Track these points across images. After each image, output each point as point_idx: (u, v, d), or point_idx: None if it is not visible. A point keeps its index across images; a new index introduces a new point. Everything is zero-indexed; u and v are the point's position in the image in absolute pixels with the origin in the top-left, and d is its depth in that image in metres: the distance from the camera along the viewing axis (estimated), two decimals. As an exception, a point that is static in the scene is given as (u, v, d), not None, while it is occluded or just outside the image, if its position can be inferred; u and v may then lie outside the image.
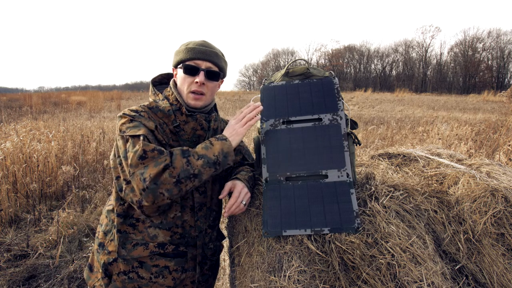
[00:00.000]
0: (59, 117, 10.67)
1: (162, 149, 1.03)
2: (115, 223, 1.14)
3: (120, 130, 1.09)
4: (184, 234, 1.20)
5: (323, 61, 52.95)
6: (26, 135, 5.14)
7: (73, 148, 5.26)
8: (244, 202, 1.16)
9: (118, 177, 1.12)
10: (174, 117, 1.18)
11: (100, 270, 1.17)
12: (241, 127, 1.17)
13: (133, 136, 1.05)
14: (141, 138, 1.03)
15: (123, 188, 1.07)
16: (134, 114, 1.12)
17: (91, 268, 1.25)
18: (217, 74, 1.20)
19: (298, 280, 0.94)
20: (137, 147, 1.02)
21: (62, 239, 2.96)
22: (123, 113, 1.13)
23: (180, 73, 1.20)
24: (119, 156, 1.10)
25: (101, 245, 1.19)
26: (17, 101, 17.03)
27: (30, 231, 3.21)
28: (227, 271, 1.50)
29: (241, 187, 1.18)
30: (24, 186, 3.90)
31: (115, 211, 1.15)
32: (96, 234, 1.25)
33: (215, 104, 1.35)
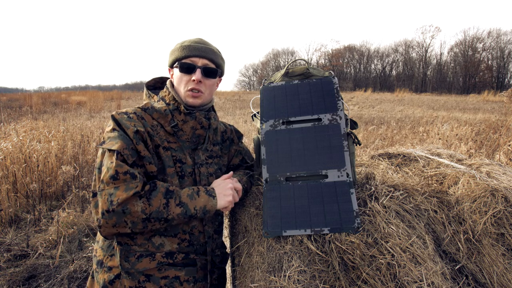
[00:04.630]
0: (59, 117, 10.67)
1: (136, 173, 0.97)
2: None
3: (103, 139, 1.04)
4: (192, 240, 1.13)
5: (323, 61, 52.98)
6: (25, 135, 5.14)
7: (73, 148, 5.26)
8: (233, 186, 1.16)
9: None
10: (172, 117, 1.14)
11: None
12: (230, 191, 1.12)
13: (109, 150, 0.99)
14: (115, 154, 0.97)
15: (89, 199, 1.02)
16: (120, 118, 1.05)
17: None
18: (214, 71, 1.17)
19: (298, 280, 0.94)
20: (110, 164, 0.96)
21: (62, 239, 2.96)
22: (112, 116, 1.07)
23: (176, 72, 1.16)
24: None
25: (100, 263, 1.08)
26: (17, 101, 17.01)
27: (30, 231, 3.21)
28: (227, 271, 1.49)
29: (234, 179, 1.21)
30: (24, 186, 3.90)
31: None
32: (93, 253, 1.14)
33: (212, 105, 1.31)
